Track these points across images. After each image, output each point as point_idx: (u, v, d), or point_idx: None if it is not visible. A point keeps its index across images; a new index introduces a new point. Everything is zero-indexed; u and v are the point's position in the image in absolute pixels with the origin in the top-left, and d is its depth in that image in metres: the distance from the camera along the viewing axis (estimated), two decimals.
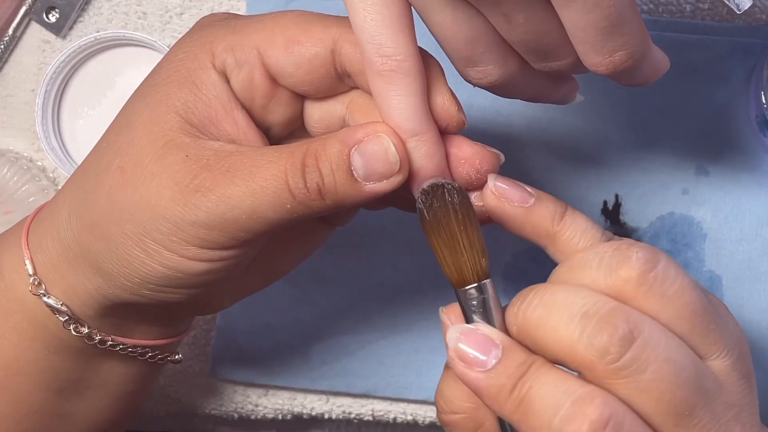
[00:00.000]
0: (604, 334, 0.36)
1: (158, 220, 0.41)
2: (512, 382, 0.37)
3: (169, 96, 0.42)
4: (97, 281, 0.44)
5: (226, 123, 0.43)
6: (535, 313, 0.38)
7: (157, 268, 0.42)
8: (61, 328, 0.45)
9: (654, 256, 0.37)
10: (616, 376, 0.36)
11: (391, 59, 0.40)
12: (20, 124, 0.63)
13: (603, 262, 0.38)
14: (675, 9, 0.59)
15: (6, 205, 0.61)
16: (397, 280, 0.61)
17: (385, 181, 0.41)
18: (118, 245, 0.42)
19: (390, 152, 0.40)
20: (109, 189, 0.42)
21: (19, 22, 0.62)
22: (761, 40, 0.58)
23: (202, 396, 0.63)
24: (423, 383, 0.61)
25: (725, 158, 0.59)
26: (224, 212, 0.40)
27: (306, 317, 0.61)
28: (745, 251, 0.59)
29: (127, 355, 0.47)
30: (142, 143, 0.42)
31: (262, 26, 0.43)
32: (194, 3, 0.62)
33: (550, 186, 0.60)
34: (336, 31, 0.42)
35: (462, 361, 0.38)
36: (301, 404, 0.62)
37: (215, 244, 0.41)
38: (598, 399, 0.35)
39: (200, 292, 0.43)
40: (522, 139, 0.60)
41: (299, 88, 0.43)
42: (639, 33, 0.39)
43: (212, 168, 0.41)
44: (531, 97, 0.45)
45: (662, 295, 0.37)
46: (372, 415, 0.62)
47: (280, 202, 0.40)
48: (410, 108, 0.41)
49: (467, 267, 0.40)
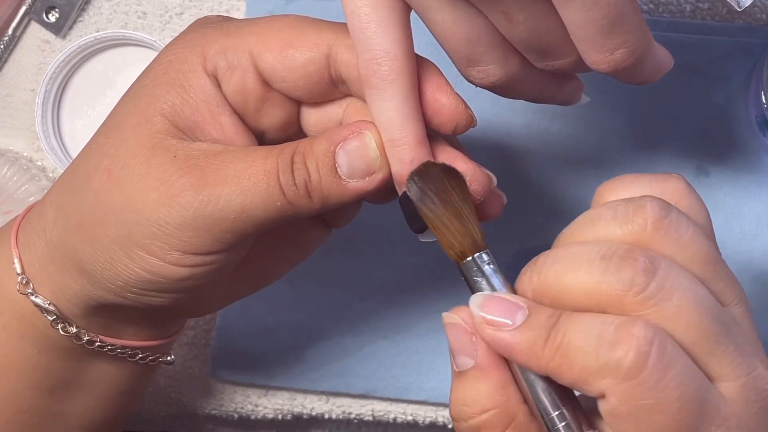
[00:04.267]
0: (627, 269, 0.36)
1: (142, 223, 0.41)
2: (545, 333, 0.37)
3: (157, 98, 0.42)
4: (82, 282, 0.44)
5: (212, 128, 0.43)
6: (551, 270, 0.37)
7: (139, 273, 0.42)
8: (49, 327, 0.45)
9: (666, 205, 0.37)
10: (645, 306, 0.36)
11: (381, 60, 0.40)
12: (20, 124, 0.63)
13: (618, 212, 0.38)
14: (675, 9, 0.59)
15: (6, 204, 0.61)
16: (396, 281, 0.61)
17: (367, 179, 0.41)
18: (102, 248, 0.42)
19: (371, 148, 0.40)
20: (96, 190, 0.42)
21: (19, 21, 0.62)
22: (761, 40, 0.58)
23: (202, 396, 0.63)
24: (422, 384, 0.61)
25: (725, 158, 0.59)
26: (212, 212, 0.40)
27: (305, 318, 0.61)
28: (745, 251, 0.59)
29: (117, 356, 0.47)
30: (130, 145, 0.42)
31: (257, 29, 0.42)
32: (194, 3, 0.62)
33: (550, 186, 0.60)
34: (331, 36, 0.42)
35: (490, 325, 0.38)
36: (301, 404, 0.62)
37: (199, 248, 0.41)
38: (640, 321, 0.35)
39: (185, 296, 0.43)
40: (522, 141, 0.60)
41: (293, 93, 0.43)
42: (640, 31, 0.39)
43: (201, 167, 0.41)
44: (534, 97, 0.45)
45: (677, 241, 0.37)
46: (372, 415, 0.62)
47: (271, 200, 0.40)
48: (393, 109, 0.41)
49: (470, 236, 0.40)
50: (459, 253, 0.40)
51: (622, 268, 0.36)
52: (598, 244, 0.37)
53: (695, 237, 0.38)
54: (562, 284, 0.37)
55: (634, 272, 0.36)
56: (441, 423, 0.62)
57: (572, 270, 0.37)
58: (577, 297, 0.37)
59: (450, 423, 0.62)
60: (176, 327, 0.50)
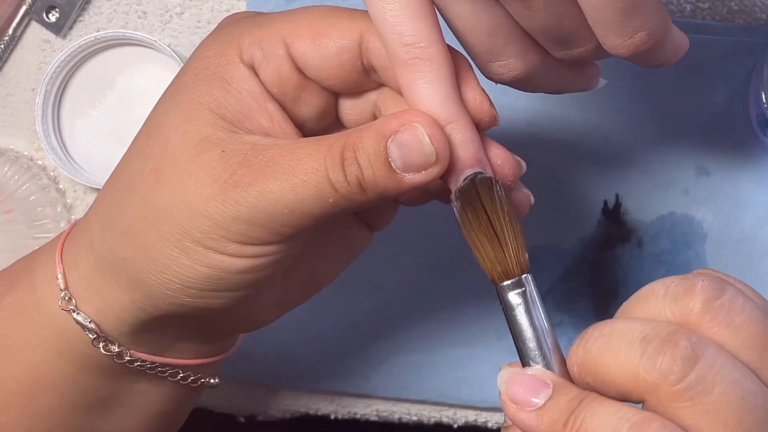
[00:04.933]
0: (666, 354, 0.33)
1: (197, 218, 0.40)
2: (564, 417, 0.36)
3: (200, 93, 0.41)
4: (134, 294, 0.42)
5: (260, 116, 0.42)
6: (595, 346, 0.36)
7: (197, 269, 0.40)
8: (89, 345, 0.44)
9: (720, 285, 0.35)
10: (681, 399, 0.33)
11: (415, 47, 0.39)
12: (20, 123, 0.63)
13: (669, 290, 0.36)
14: (675, 9, 0.59)
15: (6, 203, 0.61)
16: (397, 281, 0.61)
17: (423, 172, 0.39)
18: (155, 250, 0.41)
19: (425, 143, 0.39)
20: (144, 193, 0.41)
21: (19, 21, 0.62)
22: (761, 40, 0.58)
23: (207, 396, 0.63)
24: (423, 384, 0.61)
25: (725, 158, 0.59)
26: (266, 207, 0.39)
27: (306, 318, 0.61)
28: (745, 251, 0.59)
29: (158, 375, 0.46)
30: (176, 143, 0.41)
31: (289, 19, 0.42)
32: (194, 2, 0.62)
33: (550, 186, 0.60)
34: (363, 24, 0.41)
35: (513, 403, 0.37)
36: (306, 405, 0.62)
37: (257, 239, 0.40)
38: (657, 423, 0.33)
39: (242, 297, 0.42)
40: (522, 139, 0.60)
41: (326, 82, 0.42)
42: (658, 13, 0.39)
43: (250, 163, 0.40)
44: (555, 89, 0.44)
45: (728, 324, 0.35)
46: (377, 415, 0.62)
47: (323, 196, 0.39)
48: (440, 95, 0.39)
49: (512, 259, 0.39)
50: (500, 275, 0.40)
51: (661, 353, 0.34)
52: (644, 323, 0.35)
53: (751, 319, 0.35)
54: (603, 363, 0.35)
55: (672, 359, 0.33)
56: (446, 423, 0.62)
57: (613, 350, 0.35)
58: (616, 379, 0.35)
59: (454, 423, 0.62)
60: (224, 346, 0.48)
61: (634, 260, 0.60)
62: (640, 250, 0.60)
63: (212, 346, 0.47)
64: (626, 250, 0.60)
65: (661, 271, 0.59)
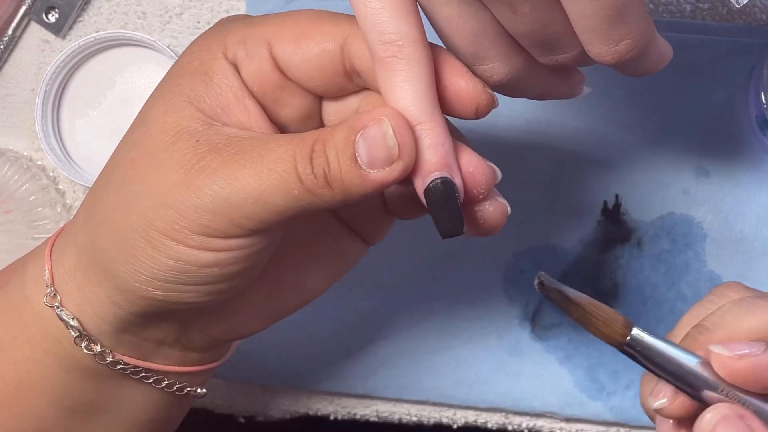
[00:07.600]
0: None
1: (161, 207, 0.40)
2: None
3: (182, 87, 0.42)
4: (107, 287, 0.42)
5: (238, 110, 0.42)
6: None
7: (162, 260, 0.40)
8: (73, 344, 0.43)
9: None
10: None
11: (393, 45, 0.39)
12: (20, 124, 0.63)
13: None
14: (675, 9, 0.59)
15: (6, 204, 0.61)
16: (398, 281, 0.61)
17: (387, 169, 0.39)
18: (124, 239, 0.41)
19: (389, 135, 0.39)
20: (118, 182, 0.41)
21: (19, 21, 0.62)
22: (761, 40, 0.58)
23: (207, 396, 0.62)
24: (422, 384, 0.61)
25: (725, 158, 0.59)
26: (229, 195, 0.39)
27: (305, 318, 0.61)
28: (745, 251, 0.59)
29: (143, 381, 0.45)
30: (155, 133, 0.41)
31: (276, 21, 0.42)
32: (194, 3, 0.62)
33: (550, 186, 0.60)
34: (347, 28, 0.41)
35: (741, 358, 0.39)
36: (306, 405, 0.62)
37: (220, 231, 0.40)
38: None
39: (214, 294, 0.42)
40: (522, 140, 0.60)
41: (308, 84, 0.43)
42: (643, 21, 0.39)
43: (220, 150, 0.40)
44: (539, 94, 0.45)
45: None
46: (377, 415, 0.62)
47: (288, 187, 0.39)
48: (413, 94, 0.39)
49: (613, 325, 0.41)
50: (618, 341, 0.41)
51: None
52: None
53: None
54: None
55: None
56: (446, 423, 0.62)
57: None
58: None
59: (454, 423, 0.62)
60: (214, 356, 0.48)
61: (634, 260, 0.60)
62: (639, 250, 0.60)
63: (201, 355, 0.47)
64: (626, 251, 0.60)
65: (660, 272, 0.59)
